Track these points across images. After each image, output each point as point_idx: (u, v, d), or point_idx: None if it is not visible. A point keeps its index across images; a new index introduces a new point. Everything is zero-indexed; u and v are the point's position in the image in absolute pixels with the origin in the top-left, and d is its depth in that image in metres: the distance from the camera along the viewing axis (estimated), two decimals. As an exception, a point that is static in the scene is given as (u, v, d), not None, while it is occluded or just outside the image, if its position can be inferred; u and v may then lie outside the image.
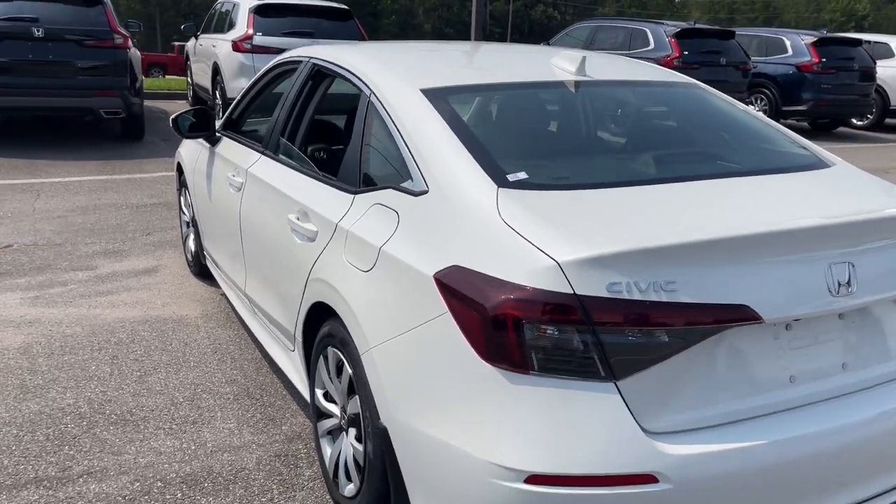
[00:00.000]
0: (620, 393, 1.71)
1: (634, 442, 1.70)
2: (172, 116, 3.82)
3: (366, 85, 2.61)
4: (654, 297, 1.69)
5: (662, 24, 11.54)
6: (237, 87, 9.11)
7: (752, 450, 1.76)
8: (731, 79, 11.56)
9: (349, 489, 2.35)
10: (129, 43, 8.46)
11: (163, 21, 49.77)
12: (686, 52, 11.05)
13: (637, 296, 1.68)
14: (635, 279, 1.69)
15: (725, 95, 3.00)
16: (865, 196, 2.33)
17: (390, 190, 2.27)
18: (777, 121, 12.24)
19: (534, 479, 1.67)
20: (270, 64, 3.69)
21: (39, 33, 7.84)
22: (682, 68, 10.90)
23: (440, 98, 2.39)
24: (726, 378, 1.82)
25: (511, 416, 1.71)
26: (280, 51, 8.71)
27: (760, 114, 2.96)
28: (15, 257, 4.88)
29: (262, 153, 3.24)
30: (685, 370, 1.76)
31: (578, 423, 1.69)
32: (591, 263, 1.69)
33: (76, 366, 3.44)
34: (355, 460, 2.32)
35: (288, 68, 3.45)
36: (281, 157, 3.09)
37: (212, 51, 10.19)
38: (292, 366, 2.89)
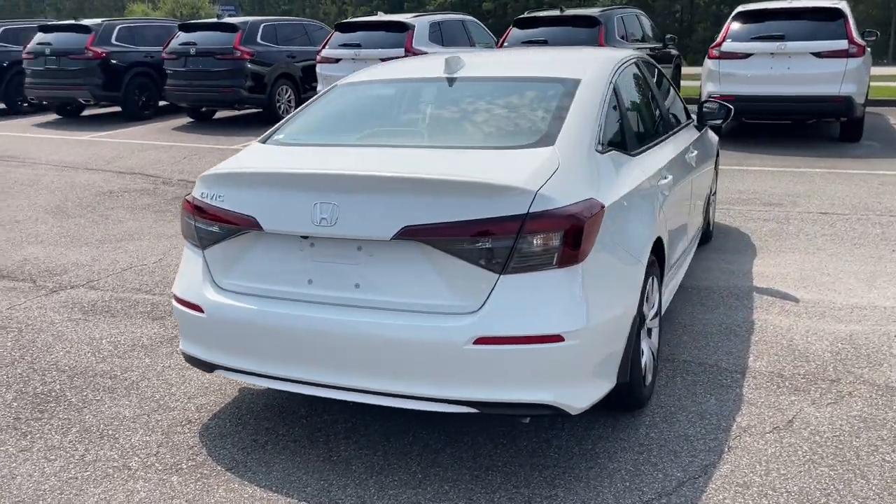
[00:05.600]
0: (204, 258, 3.05)
1: (200, 287, 3.04)
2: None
3: None
4: (210, 203, 2.97)
5: None
6: (705, 91, 9.87)
7: (256, 311, 2.89)
8: None
9: None
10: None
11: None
12: None
13: (206, 202, 3.00)
14: (207, 192, 3.00)
15: (582, 93, 3.28)
16: (443, 163, 2.88)
17: None
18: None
19: (175, 298, 3.18)
20: None
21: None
22: None
23: (335, 88, 3.79)
24: (263, 268, 2.94)
25: (181, 266, 3.22)
26: (746, 56, 9.26)
27: (571, 109, 3.16)
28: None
29: None
30: (234, 253, 2.98)
31: (190, 270, 3.12)
32: (200, 181, 3.06)
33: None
34: None
35: None
36: None
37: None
38: None
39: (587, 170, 2.93)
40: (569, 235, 2.63)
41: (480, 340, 2.60)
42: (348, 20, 11.76)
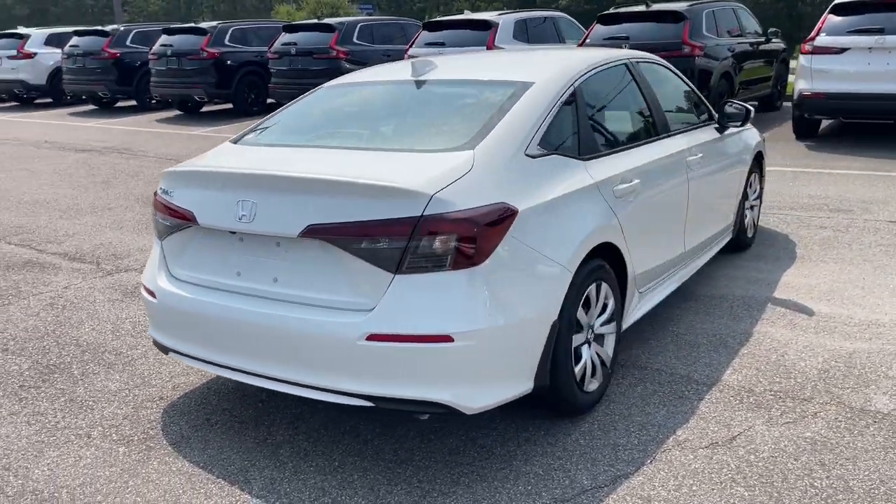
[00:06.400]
0: (162, 248, 3.31)
1: (156, 275, 3.31)
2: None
3: None
4: (164, 198, 3.23)
5: None
6: (796, 88, 9.35)
7: (193, 299, 3.12)
8: None
9: None
10: (698, 52, 9.76)
11: None
12: None
13: (162, 197, 3.25)
14: (164, 188, 3.26)
15: (528, 97, 3.29)
16: (361, 165, 3.02)
17: None
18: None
19: (142, 284, 3.47)
20: None
21: (626, 47, 10.00)
22: None
23: (319, 89, 3.99)
24: (202, 259, 3.16)
25: (150, 256, 3.51)
26: (841, 51, 8.76)
27: (509, 113, 3.20)
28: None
29: None
30: (182, 245, 3.22)
31: (153, 260, 3.40)
32: (162, 178, 3.32)
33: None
34: None
35: None
36: None
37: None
38: None
39: (505, 174, 2.95)
40: (463, 239, 2.68)
41: (373, 337, 2.70)
42: (435, 19, 11.97)
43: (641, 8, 10.49)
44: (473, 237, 2.69)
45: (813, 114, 9.35)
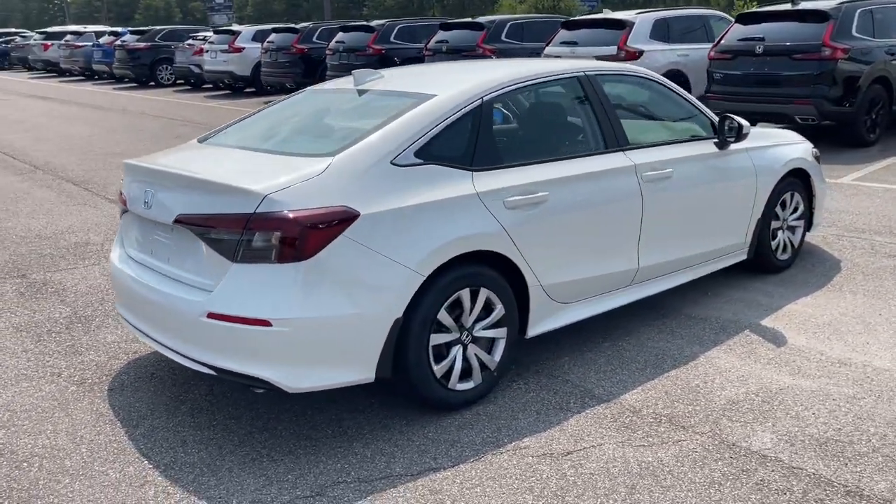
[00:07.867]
0: (120, 227, 3.95)
1: (114, 249, 3.94)
2: None
3: None
4: (123, 190, 3.84)
5: None
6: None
7: (120, 271, 3.72)
8: None
9: None
10: (841, 55, 8.94)
11: None
12: None
13: (122, 188, 3.87)
14: (127, 181, 3.87)
15: (421, 109, 3.49)
16: (234, 166, 3.47)
17: None
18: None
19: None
20: None
21: (760, 50, 9.41)
22: None
23: (298, 93, 4.46)
24: (134, 238, 3.75)
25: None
26: None
27: (392, 122, 3.43)
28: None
29: None
30: (127, 225, 3.82)
31: (116, 237, 4.05)
32: (125, 169, 3.94)
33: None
34: None
35: None
36: None
37: None
38: None
39: (356, 180, 3.20)
40: (287, 236, 3.00)
41: (211, 315, 3.11)
42: (574, 18, 11.92)
43: (786, 6, 9.77)
44: (296, 236, 3.00)
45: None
